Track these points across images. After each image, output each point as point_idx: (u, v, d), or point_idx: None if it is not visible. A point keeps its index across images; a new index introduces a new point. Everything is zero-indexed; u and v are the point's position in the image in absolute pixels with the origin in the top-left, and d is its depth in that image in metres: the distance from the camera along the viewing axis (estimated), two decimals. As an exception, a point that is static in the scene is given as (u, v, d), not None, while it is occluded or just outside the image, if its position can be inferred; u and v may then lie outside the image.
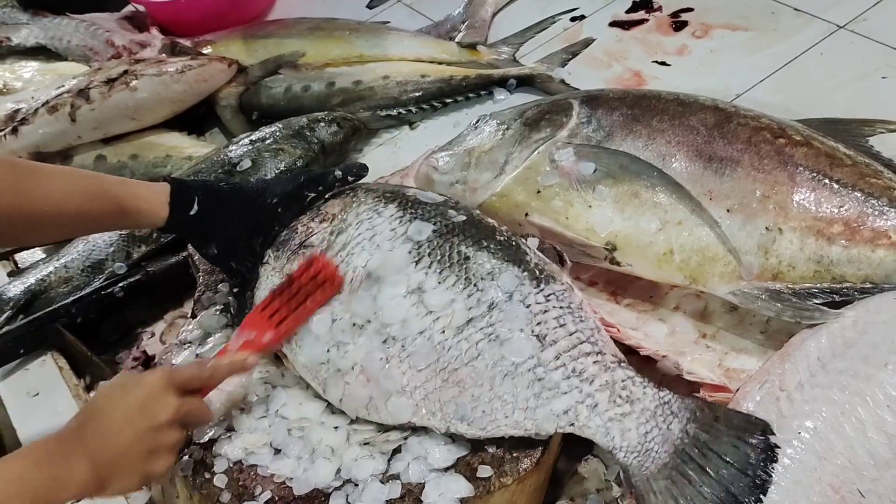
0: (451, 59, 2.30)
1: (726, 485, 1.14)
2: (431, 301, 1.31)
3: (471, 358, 1.27)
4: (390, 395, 1.27)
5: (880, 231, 1.44)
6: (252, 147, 1.98)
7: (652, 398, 1.21)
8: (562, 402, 1.22)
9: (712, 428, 1.18)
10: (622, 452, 1.18)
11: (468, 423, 1.24)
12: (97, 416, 1.17)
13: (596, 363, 1.25)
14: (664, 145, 1.57)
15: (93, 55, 2.44)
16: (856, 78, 1.98)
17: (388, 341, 1.30)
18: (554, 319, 1.29)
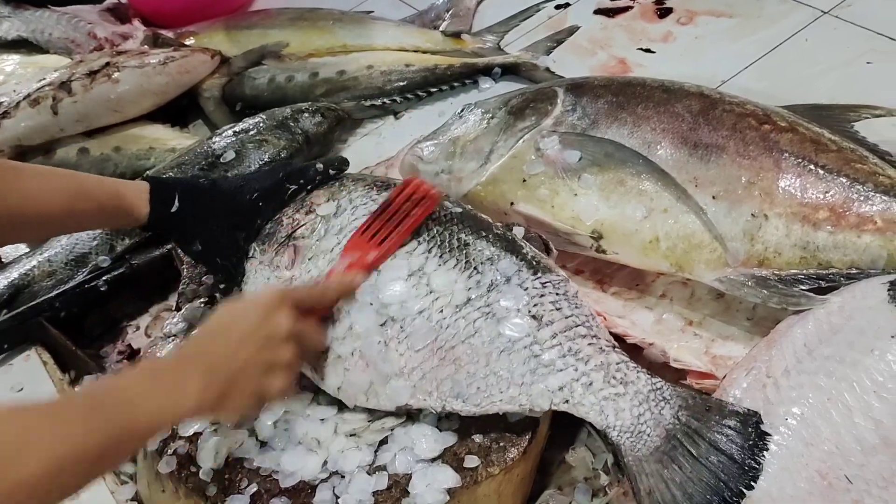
0: (436, 48, 2.29)
1: (716, 472, 1.14)
2: (433, 282, 1.31)
3: (468, 335, 1.27)
4: (389, 378, 1.27)
5: (866, 216, 1.44)
6: (236, 138, 1.97)
7: (645, 383, 1.22)
8: (557, 379, 1.23)
9: (703, 416, 1.19)
10: (615, 431, 1.19)
11: (464, 400, 1.24)
12: (215, 334, 1.16)
13: (591, 345, 1.26)
14: (649, 132, 1.57)
15: (75, 47, 2.42)
16: (840, 63, 1.98)
17: (387, 323, 1.30)
18: (550, 303, 1.30)
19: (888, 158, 1.54)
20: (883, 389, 1.20)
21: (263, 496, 1.22)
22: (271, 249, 1.43)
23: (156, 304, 1.82)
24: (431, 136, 1.78)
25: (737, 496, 1.13)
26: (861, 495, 1.15)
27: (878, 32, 2.04)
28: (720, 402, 1.23)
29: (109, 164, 2.06)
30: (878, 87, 1.89)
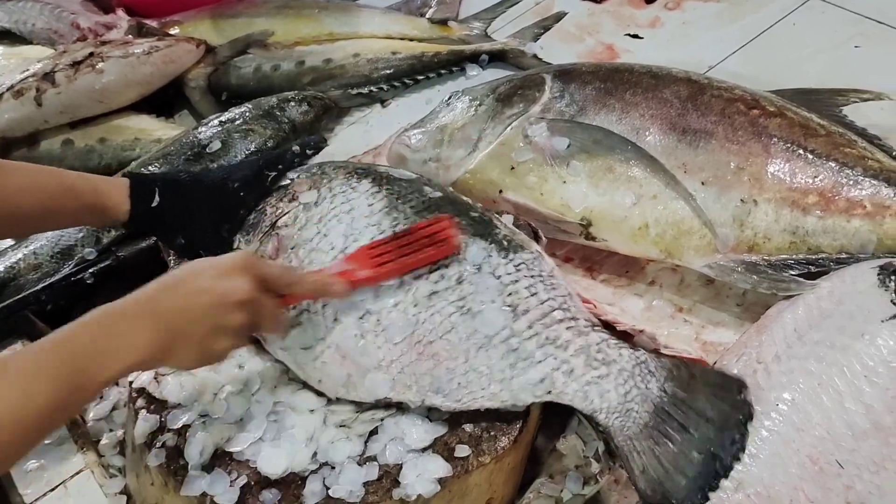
0: (423, 36, 2.27)
1: (706, 442, 1.15)
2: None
3: (445, 331, 1.26)
4: (367, 371, 1.27)
5: (855, 201, 1.44)
6: (222, 128, 1.95)
7: (628, 359, 1.22)
8: (537, 371, 1.22)
9: (689, 385, 1.19)
10: (603, 414, 1.19)
11: (444, 396, 1.23)
12: (168, 287, 1.14)
13: (569, 329, 1.25)
14: (638, 119, 1.57)
15: (58, 38, 2.39)
16: (828, 48, 1.98)
17: (365, 316, 1.29)
18: (525, 289, 1.29)
19: (877, 142, 1.54)
20: (873, 374, 1.20)
21: (253, 488, 1.20)
22: (256, 239, 1.42)
23: (142, 296, 1.80)
24: (419, 123, 1.77)
25: (727, 469, 1.15)
26: (852, 480, 1.16)
27: (866, 16, 2.03)
28: (704, 368, 1.25)
29: (94, 155, 2.05)
30: (866, 71, 1.89)
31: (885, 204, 1.43)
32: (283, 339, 1.33)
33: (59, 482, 1.39)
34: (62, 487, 1.39)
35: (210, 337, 1.14)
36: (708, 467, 1.14)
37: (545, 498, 1.31)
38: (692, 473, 1.14)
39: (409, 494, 1.17)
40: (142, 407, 1.32)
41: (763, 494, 1.15)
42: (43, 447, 1.44)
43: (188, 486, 1.21)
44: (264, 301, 1.19)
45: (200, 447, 1.25)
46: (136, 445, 1.30)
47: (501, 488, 1.27)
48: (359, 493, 1.18)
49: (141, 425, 1.30)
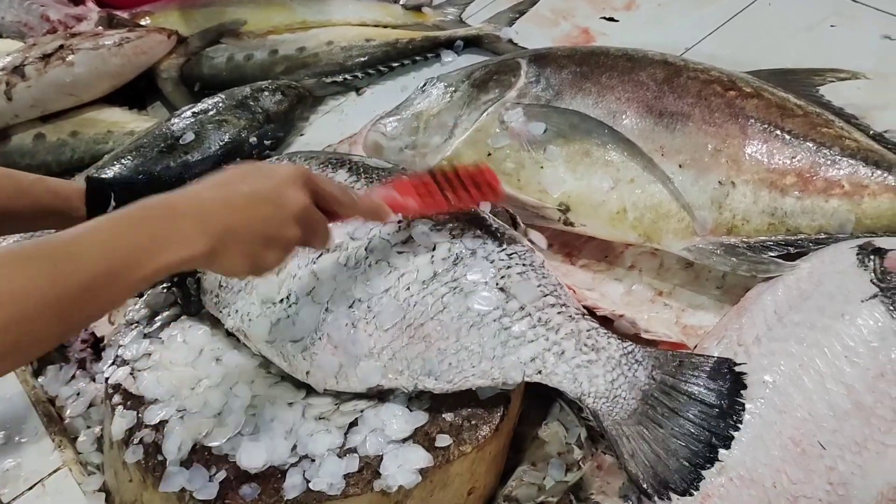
0: (397, 22, 2.27)
1: (699, 422, 1.15)
2: (396, 259, 1.30)
3: (436, 311, 1.26)
4: (359, 360, 1.26)
5: (833, 181, 1.43)
6: (195, 119, 1.93)
7: (616, 347, 1.22)
8: (529, 350, 1.22)
9: (677, 372, 1.19)
10: (591, 398, 1.18)
11: (435, 378, 1.23)
12: (222, 185, 1.09)
13: (560, 314, 1.25)
14: (614, 102, 1.56)
15: (28, 31, 2.37)
16: (804, 27, 1.98)
17: (355, 304, 1.28)
18: (518, 274, 1.29)
19: (854, 122, 1.54)
20: (854, 354, 1.20)
21: (232, 482, 1.19)
22: None
23: (119, 291, 1.78)
24: (394, 111, 1.76)
25: (725, 440, 1.14)
26: (835, 461, 1.15)
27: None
28: (690, 355, 1.23)
29: (67, 149, 2.03)
30: (842, 50, 1.89)
31: (863, 183, 1.43)
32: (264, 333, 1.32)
33: (37, 480, 1.39)
34: (40, 486, 1.38)
35: (262, 246, 1.09)
36: (701, 448, 1.14)
37: (528, 486, 1.31)
38: (684, 455, 1.14)
39: (390, 485, 1.16)
40: (118, 403, 1.31)
41: (745, 477, 1.15)
42: (19, 445, 1.43)
43: (167, 481, 1.20)
44: (317, 216, 1.16)
45: (178, 442, 1.24)
46: (114, 442, 1.29)
47: (483, 477, 1.27)
48: (339, 485, 1.17)
49: (118, 422, 1.29)
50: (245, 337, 1.36)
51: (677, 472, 1.13)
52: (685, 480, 1.13)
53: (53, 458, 1.40)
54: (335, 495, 1.16)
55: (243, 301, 1.36)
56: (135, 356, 1.37)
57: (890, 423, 1.16)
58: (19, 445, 1.43)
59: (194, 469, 1.21)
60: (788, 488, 1.15)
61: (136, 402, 1.30)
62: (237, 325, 1.36)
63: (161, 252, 1.00)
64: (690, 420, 1.15)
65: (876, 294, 1.25)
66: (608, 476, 1.31)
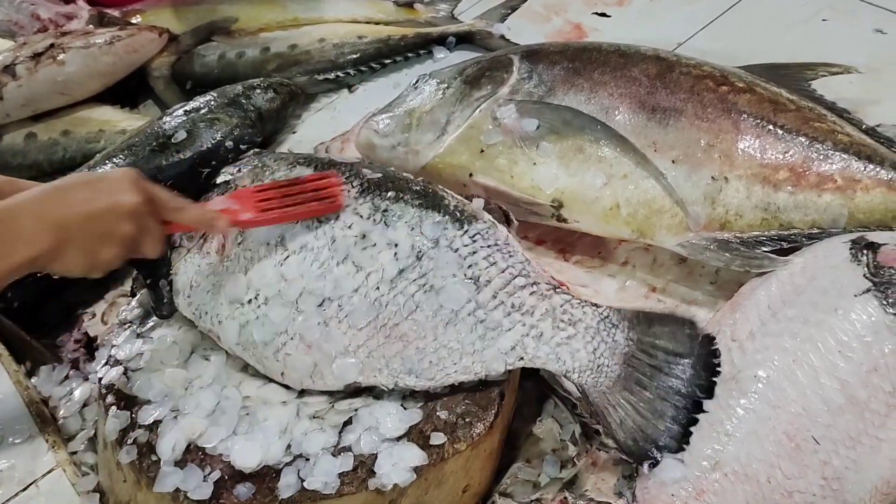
0: (389, 19, 2.26)
1: (680, 378, 1.19)
2: (360, 258, 1.30)
3: (409, 311, 1.26)
4: (334, 357, 1.26)
5: (826, 175, 1.44)
6: (187, 118, 1.92)
7: (592, 315, 1.24)
8: (507, 339, 1.23)
9: (650, 330, 1.23)
10: (576, 374, 1.21)
11: (416, 376, 1.24)
12: (58, 186, 1.15)
13: (533, 294, 1.27)
14: (607, 98, 1.56)
15: (18, 30, 2.35)
16: (797, 22, 1.98)
17: (325, 303, 1.28)
18: (484, 259, 1.30)
19: (846, 116, 1.54)
20: (847, 349, 1.20)
21: (227, 482, 1.19)
22: (198, 238, 1.40)
23: (112, 290, 1.78)
24: (387, 108, 1.75)
25: (707, 391, 1.19)
26: (829, 455, 1.16)
27: (833, -11, 2.04)
28: (658, 314, 1.27)
29: (58, 148, 2.02)
30: (834, 45, 1.89)
31: (855, 178, 1.43)
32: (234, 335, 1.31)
33: (31, 481, 1.38)
34: (34, 487, 1.38)
35: (97, 243, 1.15)
36: (686, 403, 1.18)
37: (523, 483, 1.31)
38: (671, 414, 1.18)
39: (384, 484, 1.16)
40: (112, 403, 1.31)
41: (740, 473, 1.16)
42: (13, 446, 1.42)
43: (161, 482, 1.20)
44: (150, 220, 1.20)
45: (172, 442, 1.23)
46: (108, 442, 1.29)
47: (478, 475, 1.27)
48: (334, 484, 1.17)
49: (111, 422, 1.28)
50: (217, 339, 1.35)
51: (665, 432, 1.17)
52: (675, 438, 1.17)
53: (47, 459, 1.40)
54: (330, 494, 1.16)
55: (212, 302, 1.35)
56: (128, 356, 1.36)
57: (883, 417, 1.17)
58: (13, 446, 1.42)
59: (188, 469, 1.21)
60: (783, 483, 1.15)
61: (130, 402, 1.30)
62: (209, 327, 1.35)
63: (6, 255, 1.06)
64: (672, 375, 1.19)
65: (869, 288, 1.25)
66: (603, 472, 1.31)
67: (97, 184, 1.17)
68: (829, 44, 1.90)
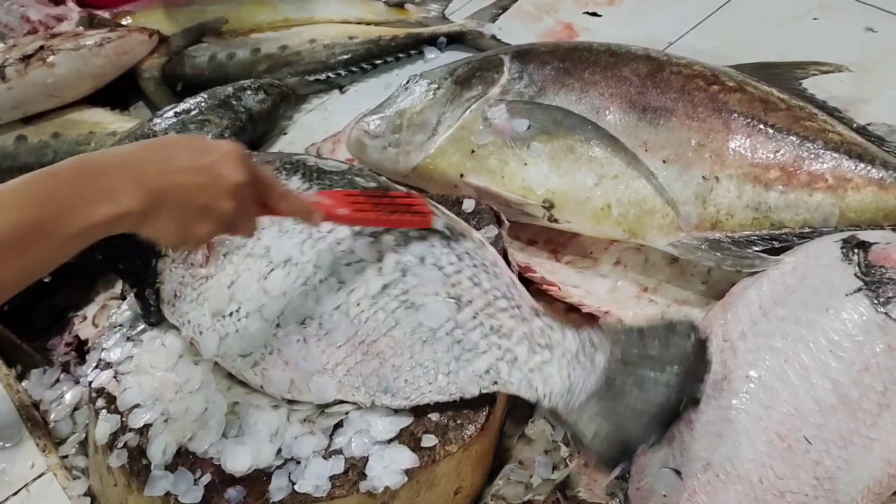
0: (379, 19, 2.26)
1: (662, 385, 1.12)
2: (344, 273, 1.28)
3: (388, 328, 1.24)
4: (311, 375, 1.25)
5: (817, 174, 1.44)
6: (177, 119, 1.92)
7: (572, 339, 1.21)
8: (482, 362, 1.21)
9: (639, 342, 1.17)
10: (546, 399, 1.17)
11: (392, 395, 1.22)
12: (160, 147, 1.07)
13: (513, 317, 1.24)
14: (597, 98, 1.56)
15: (7, 31, 2.35)
16: (787, 20, 1.99)
17: (306, 321, 1.26)
18: (468, 279, 1.28)
19: (837, 115, 1.54)
20: (839, 348, 1.20)
21: (218, 486, 1.19)
22: None
23: (102, 293, 1.77)
24: (377, 109, 1.75)
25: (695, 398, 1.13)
26: (821, 455, 1.16)
27: (824, -12, 2.04)
28: (650, 324, 1.21)
29: (48, 150, 2.01)
30: (825, 44, 1.89)
31: (846, 177, 1.43)
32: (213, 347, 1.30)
33: (22, 485, 1.38)
34: (25, 491, 1.37)
35: (195, 216, 1.06)
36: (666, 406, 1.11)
37: (515, 484, 1.30)
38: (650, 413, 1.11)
39: (376, 486, 1.16)
40: (102, 407, 1.30)
41: (732, 473, 1.16)
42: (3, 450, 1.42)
43: (151, 485, 1.20)
44: (251, 201, 1.12)
45: (163, 446, 1.23)
46: (98, 446, 1.29)
47: (470, 476, 1.27)
48: (325, 486, 1.16)
49: (102, 425, 1.28)
50: (199, 348, 1.34)
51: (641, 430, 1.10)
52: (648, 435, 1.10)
53: (38, 463, 1.39)
54: (321, 497, 1.16)
55: (195, 312, 1.34)
56: (118, 359, 1.36)
57: (875, 417, 1.17)
58: (3, 450, 1.42)
59: (179, 473, 1.20)
60: (775, 483, 1.15)
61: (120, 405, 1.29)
62: (191, 336, 1.34)
63: (92, 207, 0.97)
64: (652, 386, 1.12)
65: (860, 288, 1.25)
66: (595, 473, 1.31)
67: (204, 153, 1.06)
68: (820, 42, 1.90)
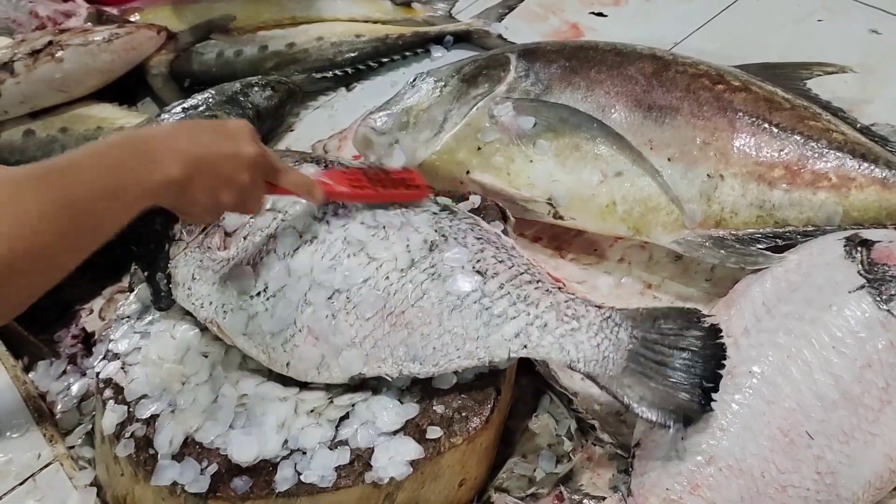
0: (386, 18, 2.26)
1: (685, 371, 1.18)
2: (373, 249, 1.31)
3: (416, 298, 1.27)
4: (341, 350, 1.26)
5: (820, 173, 1.44)
6: (185, 115, 1.92)
7: (595, 314, 1.25)
8: (511, 327, 1.24)
9: (654, 327, 1.23)
10: (581, 363, 1.21)
11: (420, 363, 1.24)
12: (186, 125, 1.19)
13: (538, 289, 1.28)
14: (603, 96, 1.56)
15: (16, 27, 2.35)
16: (792, 21, 1.99)
17: (334, 296, 1.28)
18: (492, 256, 1.31)
19: (841, 115, 1.55)
20: (841, 345, 1.21)
21: (224, 475, 1.19)
22: (198, 232, 1.40)
23: (109, 286, 1.78)
24: (384, 106, 1.76)
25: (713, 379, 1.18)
26: (822, 451, 1.16)
27: (828, -11, 2.05)
28: (662, 309, 1.28)
29: (56, 145, 2.01)
30: (829, 45, 1.90)
31: (850, 176, 1.44)
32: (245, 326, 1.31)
33: (28, 475, 1.38)
34: (31, 481, 1.37)
35: (221, 185, 1.15)
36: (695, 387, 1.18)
37: (518, 477, 1.31)
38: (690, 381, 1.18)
39: (381, 477, 1.17)
40: (109, 397, 1.31)
41: (734, 467, 1.16)
42: (10, 440, 1.42)
43: (158, 475, 1.21)
44: (259, 176, 1.21)
45: (170, 436, 1.24)
46: (105, 436, 1.29)
47: (474, 469, 1.27)
48: (331, 477, 1.17)
49: (109, 416, 1.29)
50: (219, 329, 1.35)
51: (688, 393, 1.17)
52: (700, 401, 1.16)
53: (45, 453, 1.39)
54: (326, 487, 1.16)
55: (219, 294, 1.35)
56: (126, 350, 1.37)
57: (877, 412, 1.18)
58: (10, 440, 1.42)
59: (186, 462, 1.21)
60: (777, 478, 1.16)
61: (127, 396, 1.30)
62: (211, 317, 1.35)
63: (148, 175, 1.05)
64: (678, 368, 1.19)
65: (863, 285, 1.26)
66: (598, 467, 1.32)
67: (221, 130, 1.17)
68: (824, 43, 1.91)
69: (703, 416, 1.17)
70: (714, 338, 1.22)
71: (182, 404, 1.28)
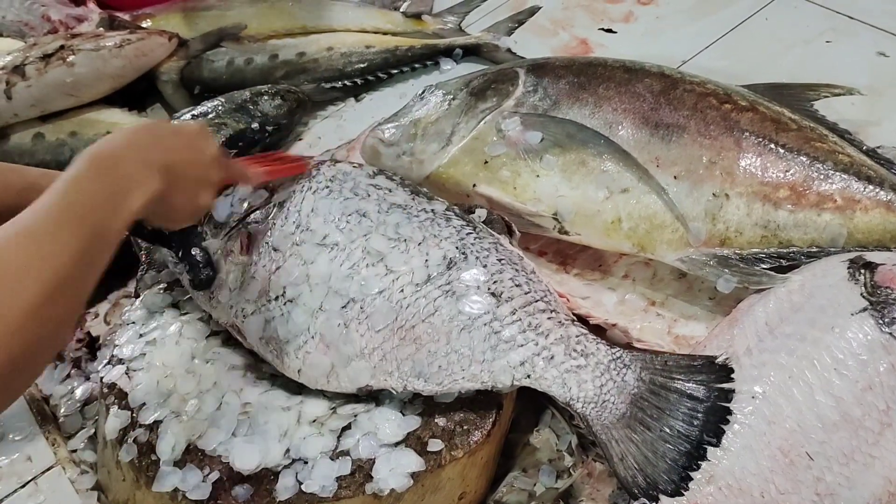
0: (396, 30, 2.27)
1: (686, 424, 1.17)
2: (392, 261, 1.31)
3: (428, 314, 1.27)
4: (350, 360, 1.27)
5: (826, 195, 1.45)
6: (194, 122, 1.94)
7: (605, 353, 1.23)
8: (518, 354, 1.23)
9: (665, 372, 1.21)
10: (580, 403, 1.19)
11: (425, 380, 1.24)
12: (149, 131, 1.15)
13: (550, 319, 1.27)
14: (611, 113, 1.57)
15: (28, 30, 2.37)
16: (800, 42, 2.00)
17: (348, 305, 1.29)
18: (509, 280, 1.30)
19: (847, 137, 1.55)
20: (843, 367, 1.21)
21: (225, 483, 1.20)
22: (222, 233, 1.40)
23: (115, 291, 1.78)
24: (392, 117, 1.76)
25: (715, 435, 1.16)
26: (822, 472, 1.16)
27: (837, 11, 2.05)
28: (677, 355, 1.26)
29: (65, 149, 2.02)
30: (837, 66, 1.90)
31: (855, 198, 1.44)
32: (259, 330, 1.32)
33: (30, 478, 1.39)
34: (33, 484, 1.38)
35: (196, 187, 1.18)
36: (690, 448, 1.16)
37: (518, 492, 1.32)
38: (672, 456, 1.15)
39: (381, 489, 1.17)
40: (113, 402, 1.32)
41: (734, 487, 1.16)
42: (13, 443, 1.43)
43: (160, 481, 1.21)
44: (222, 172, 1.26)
45: (172, 443, 1.25)
46: (108, 441, 1.30)
47: (475, 482, 1.28)
48: (331, 487, 1.18)
49: (112, 421, 1.30)
50: (238, 332, 1.36)
51: (666, 473, 1.14)
52: (673, 481, 1.14)
53: (47, 456, 1.41)
54: (327, 497, 1.17)
55: (237, 297, 1.36)
56: (131, 356, 1.37)
57: (877, 435, 1.18)
58: (13, 443, 1.43)
59: (187, 469, 1.22)
60: (776, 498, 1.16)
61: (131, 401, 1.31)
62: (230, 321, 1.36)
63: (128, 199, 1.03)
64: (679, 419, 1.17)
65: (866, 307, 1.26)
66: (598, 483, 1.32)
67: (183, 132, 1.19)
68: (832, 65, 1.91)
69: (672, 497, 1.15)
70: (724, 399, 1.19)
71: (185, 411, 1.28)
